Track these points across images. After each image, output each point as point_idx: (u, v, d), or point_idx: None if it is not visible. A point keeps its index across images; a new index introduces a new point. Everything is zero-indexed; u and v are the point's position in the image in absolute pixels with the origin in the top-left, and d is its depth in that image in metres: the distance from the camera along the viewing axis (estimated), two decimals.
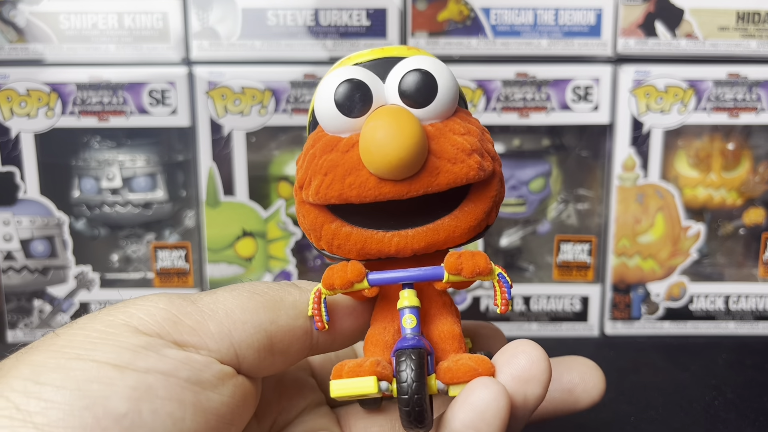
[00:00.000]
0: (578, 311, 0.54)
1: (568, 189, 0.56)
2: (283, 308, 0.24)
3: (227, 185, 0.52)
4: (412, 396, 0.21)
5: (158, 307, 0.22)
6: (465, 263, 0.23)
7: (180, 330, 0.22)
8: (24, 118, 0.50)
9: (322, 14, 0.50)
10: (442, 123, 0.24)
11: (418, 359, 0.22)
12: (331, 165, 0.23)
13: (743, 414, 0.42)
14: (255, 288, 0.24)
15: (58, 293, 0.53)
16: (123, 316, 0.22)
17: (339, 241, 0.24)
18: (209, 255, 0.53)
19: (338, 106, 0.23)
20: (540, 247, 0.56)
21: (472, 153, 0.23)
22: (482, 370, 0.22)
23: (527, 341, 0.23)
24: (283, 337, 0.24)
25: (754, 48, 0.51)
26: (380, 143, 0.22)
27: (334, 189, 0.23)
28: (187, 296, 0.23)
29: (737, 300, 0.54)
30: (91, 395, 0.19)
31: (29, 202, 0.52)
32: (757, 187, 0.53)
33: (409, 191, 0.23)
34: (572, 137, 0.55)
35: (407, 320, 0.23)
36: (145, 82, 0.50)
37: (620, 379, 0.47)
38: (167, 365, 0.21)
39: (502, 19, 0.50)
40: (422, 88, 0.23)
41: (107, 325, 0.21)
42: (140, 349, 0.21)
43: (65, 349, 0.20)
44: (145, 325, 0.21)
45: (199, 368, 0.22)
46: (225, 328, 0.23)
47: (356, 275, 0.23)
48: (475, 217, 0.24)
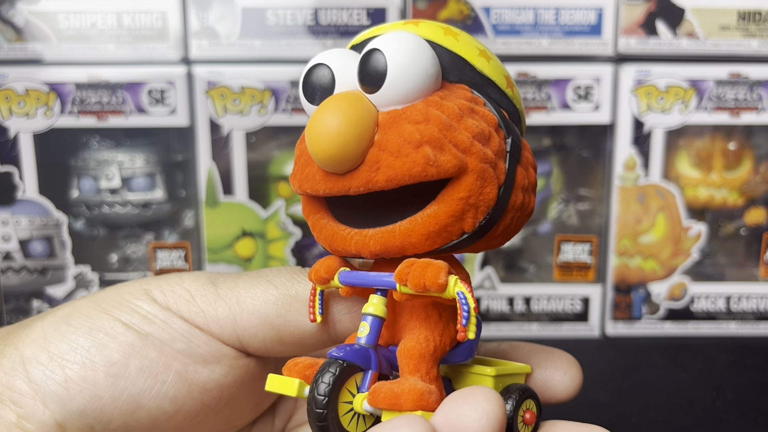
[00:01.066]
0: (579, 312, 0.54)
1: (568, 189, 0.55)
2: (294, 304, 0.24)
3: (226, 185, 0.52)
4: (314, 408, 0.19)
5: (181, 285, 0.25)
6: (411, 274, 0.20)
7: (190, 309, 0.24)
8: (23, 118, 0.50)
9: (321, 13, 0.50)
10: (402, 110, 0.21)
11: (335, 372, 0.20)
12: (299, 154, 0.22)
13: (744, 414, 0.42)
14: (275, 279, 0.25)
15: (56, 293, 0.53)
16: (149, 287, 0.25)
17: (316, 233, 0.23)
18: (209, 255, 0.53)
19: (303, 92, 0.22)
20: (541, 247, 0.56)
21: (422, 145, 0.20)
22: (405, 400, 0.19)
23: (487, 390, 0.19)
24: (292, 331, 0.25)
25: (756, 47, 0.50)
26: (316, 133, 0.20)
27: (296, 179, 0.22)
28: (215, 277, 0.25)
29: (738, 300, 0.53)
30: (96, 340, 0.23)
31: (28, 202, 0.51)
32: (759, 187, 0.53)
33: (350, 187, 0.20)
34: (573, 137, 0.55)
35: (361, 328, 0.21)
36: (144, 81, 0.50)
37: (621, 379, 0.47)
38: (166, 335, 0.24)
39: (502, 19, 0.50)
40: (370, 70, 0.20)
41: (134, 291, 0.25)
42: (150, 315, 0.24)
43: (98, 302, 0.24)
44: (163, 298, 0.24)
45: (197, 344, 0.24)
46: (231, 315, 0.24)
47: (327, 272, 0.23)
48: (436, 222, 0.20)
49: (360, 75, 0.21)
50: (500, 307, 0.54)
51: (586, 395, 0.44)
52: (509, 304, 0.54)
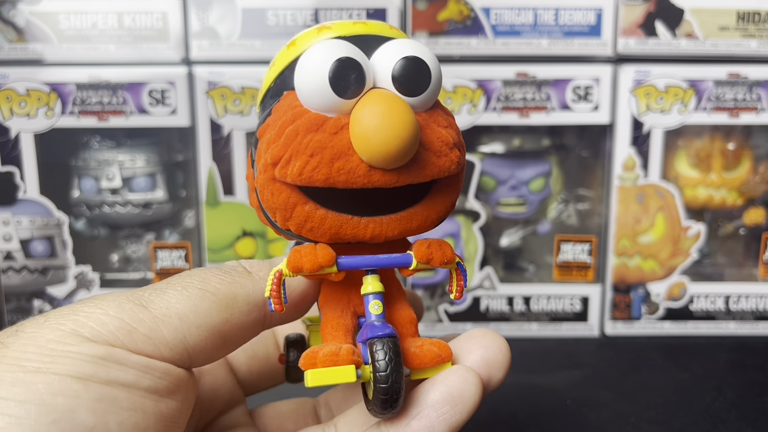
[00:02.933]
0: (578, 311, 0.54)
1: (568, 189, 0.55)
2: (236, 305, 0.23)
3: (227, 185, 0.52)
4: (392, 384, 0.21)
5: (108, 314, 0.21)
6: (435, 253, 0.24)
7: (135, 339, 0.21)
8: (24, 118, 0.50)
9: (322, 14, 0.50)
10: (427, 113, 0.23)
11: (396, 348, 0.22)
12: (318, 146, 0.22)
13: (743, 414, 0.42)
14: (206, 284, 0.23)
15: (57, 293, 0.53)
16: (73, 325, 0.21)
17: (312, 224, 0.23)
18: (209, 255, 0.53)
19: (332, 84, 0.22)
20: (540, 247, 0.56)
21: (453, 147, 0.23)
22: (445, 355, 0.23)
23: (490, 331, 0.25)
24: (236, 333, 0.24)
25: (755, 48, 0.50)
26: (379, 130, 0.21)
27: (320, 172, 0.22)
28: (136, 297, 0.22)
29: (737, 300, 0.54)
30: (57, 409, 0.19)
31: (29, 202, 0.51)
32: (758, 187, 0.53)
33: (398, 181, 0.22)
34: (572, 137, 0.55)
35: (374, 306, 0.23)
36: (144, 82, 0.50)
37: (620, 379, 0.47)
38: (129, 376, 0.21)
39: (502, 19, 0.50)
40: (417, 76, 0.22)
41: (59, 336, 0.20)
42: (100, 360, 0.20)
43: (21, 361, 0.19)
44: (98, 334, 0.21)
45: (158, 376, 0.21)
46: (180, 334, 0.22)
47: (327, 259, 0.23)
48: (445, 207, 0.24)
49: (403, 79, 0.22)
50: (500, 306, 0.54)
51: (585, 395, 0.44)
52: (509, 304, 0.54)
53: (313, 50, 0.23)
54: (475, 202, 0.53)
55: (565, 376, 0.47)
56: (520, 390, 0.45)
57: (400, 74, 0.22)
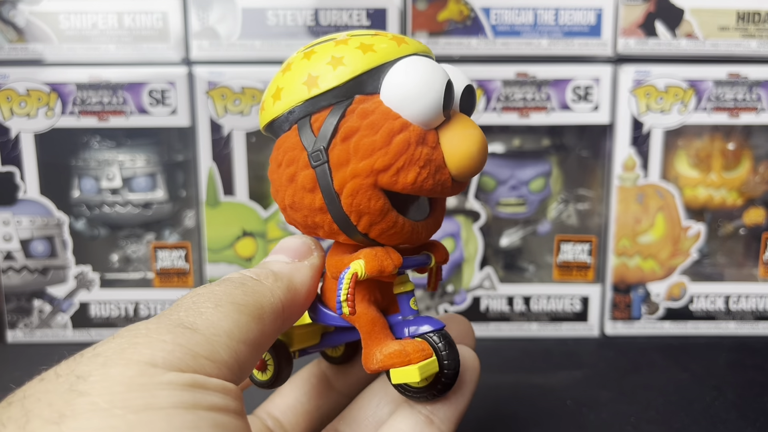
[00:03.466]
0: (578, 311, 0.54)
1: (568, 189, 0.55)
2: (266, 315, 0.23)
3: (227, 185, 0.52)
4: (455, 373, 0.24)
5: (167, 341, 0.20)
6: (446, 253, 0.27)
7: (201, 363, 0.20)
8: (24, 118, 0.50)
9: (322, 14, 0.50)
10: None
11: (451, 338, 0.25)
12: (428, 159, 0.24)
13: (744, 414, 0.42)
14: (234, 297, 0.23)
15: (57, 293, 0.53)
16: (142, 357, 0.19)
17: (395, 230, 0.25)
18: (209, 255, 0.53)
19: (445, 101, 0.24)
20: (540, 247, 0.56)
21: None
22: None
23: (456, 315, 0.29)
24: (266, 343, 0.24)
25: (755, 48, 0.51)
26: (476, 150, 0.24)
27: (428, 183, 0.24)
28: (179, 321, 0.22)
29: (737, 300, 0.54)
30: None
31: (29, 202, 0.51)
32: (758, 187, 0.53)
33: (459, 191, 0.26)
34: (572, 137, 0.55)
35: (413, 303, 0.26)
36: (144, 82, 0.50)
37: (620, 379, 0.47)
38: (218, 399, 0.20)
39: (502, 19, 0.50)
40: (473, 104, 0.26)
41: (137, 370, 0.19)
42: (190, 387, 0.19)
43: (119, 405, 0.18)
44: (170, 363, 0.20)
45: (234, 398, 0.21)
46: (233, 352, 0.22)
47: (400, 261, 0.25)
48: (444, 212, 0.28)
49: (468, 105, 0.26)
50: (500, 306, 0.54)
51: (585, 395, 0.44)
52: (509, 304, 0.54)
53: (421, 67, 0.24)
54: (475, 202, 0.53)
55: (565, 376, 0.47)
56: (520, 390, 0.45)
57: (465, 100, 0.25)
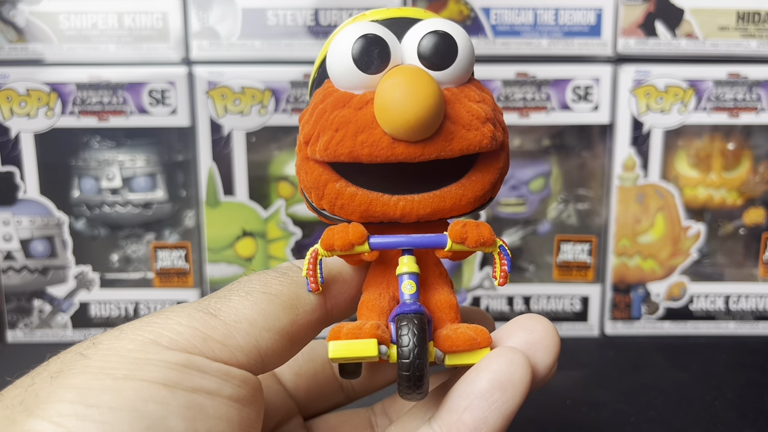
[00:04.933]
0: (578, 311, 0.54)
1: (568, 189, 0.55)
2: (300, 305, 0.23)
3: (227, 185, 0.52)
4: (413, 360, 0.21)
5: (182, 324, 0.21)
6: (470, 232, 0.23)
7: (210, 346, 0.21)
8: (24, 118, 0.50)
9: (322, 14, 0.50)
10: (458, 88, 0.23)
11: (420, 324, 0.21)
12: (343, 121, 0.22)
13: (743, 414, 0.42)
14: (268, 287, 0.23)
15: (57, 293, 0.53)
16: (150, 335, 0.20)
17: (342, 201, 0.23)
18: (209, 255, 0.53)
19: (355, 61, 0.22)
20: (540, 247, 0.56)
21: (486, 121, 0.23)
22: (481, 339, 0.22)
23: (535, 315, 0.23)
24: (302, 333, 0.24)
25: (755, 48, 0.51)
26: (399, 101, 0.21)
27: (344, 146, 0.22)
28: (203, 307, 0.22)
29: (737, 300, 0.54)
30: (150, 416, 0.18)
31: (29, 202, 0.51)
32: (758, 187, 0.53)
33: (422, 154, 0.22)
34: (572, 137, 0.55)
35: (407, 286, 0.23)
36: (144, 82, 0.50)
37: (620, 379, 0.47)
38: (211, 384, 0.20)
39: (502, 19, 0.50)
40: (442, 50, 0.23)
41: (139, 345, 0.20)
42: (182, 367, 0.20)
43: (106, 370, 0.19)
44: (176, 343, 0.20)
45: (238, 384, 0.21)
46: (252, 339, 0.22)
47: (358, 237, 0.23)
48: (482, 187, 0.24)
49: (428, 53, 0.23)
50: (500, 306, 0.54)
51: (585, 395, 0.44)
52: (509, 304, 0.54)
53: (342, 33, 0.23)
54: None
55: (565, 376, 0.47)
56: None
57: (424, 49, 0.23)
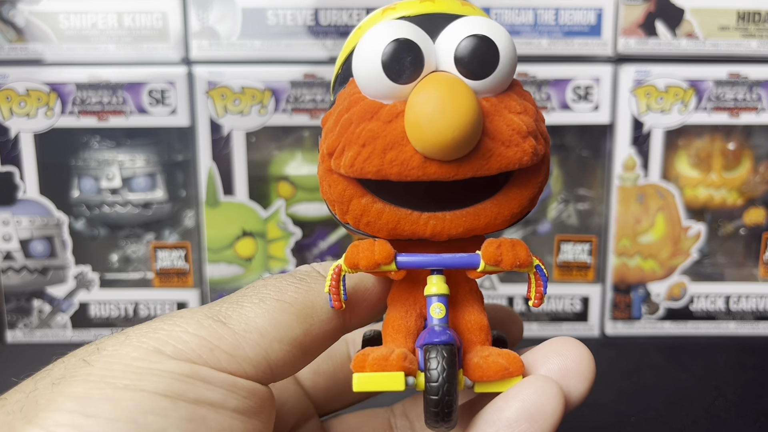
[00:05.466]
0: (579, 311, 0.54)
1: (568, 189, 0.55)
2: (315, 315, 0.22)
3: (227, 185, 0.52)
4: (443, 397, 0.20)
5: (188, 332, 0.21)
6: (505, 254, 0.21)
7: (217, 357, 0.20)
8: (23, 118, 0.50)
9: (322, 14, 0.50)
10: (498, 98, 0.21)
11: (450, 357, 0.20)
12: (371, 136, 0.20)
13: (744, 414, 0.42)
14: (283, 294, 0.22)
15: (57, 293, 0.53)
16: (154, 343, 0.20)
17: (369, 218, 0.22)
18: (209, 255, 0.53)
19: (385, 68, 0.20)
20: (540, 247, 0.56)
21: (528, 136, 0.21)
22: (513, 369, 0.21)
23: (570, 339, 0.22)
24: (316, 343, 0.23)
25: (755, 48, 0.50)
26: (432, 118, 0.19)
27: (372, 164, 0.20)
28: (214, 313, 0.22)
29: (738, 300, 0.53)
30: (148, 428, 0.18)
31: (29, 202, 0.51)
32: (758, 187, 0.53)
33: (457, 174, 0.20)
34: (573, 137, 0.55)
35: (435, 309, 0.22)
36: (144, 81, 0.50)
37: (621, 379, 0.47)
38: (216, 395, 0.20)
39: (502, 19, 0.50)
40: (482, 57, 0.20)
41: (143, 353, 0.20)
42: (186, 378, 0.19)
43: (107, 379, 0.19)
44: (180, 352, 0.20)
45: (244, 396, 0.21)
46: (262, 350, 0.21)
47: (384, 257, 0.21)
48: (519, 204, 0.22)
49: (466, 60, 0.20)
50: None
51: None
52: (509, 304, 0.54)
53: (370, 33, 0.21)
54: None
55: None
56: None
57: (462, 55, 0.20)
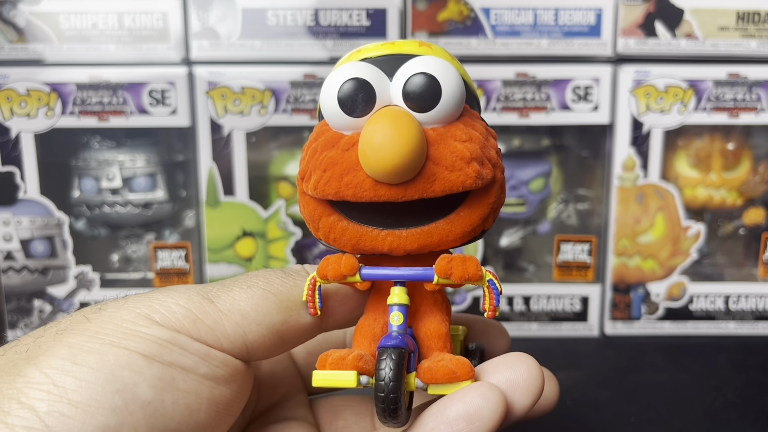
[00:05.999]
0: (578, 311, 0.54)
1: (568, 189, 0.55)
2: (295, 307, 0.25)
3: (227, 185, 0.52)
4: (387, 395, 0.22)
5: (178, 304, 0.23)
6: (455, 268, 0.24)
7: (198, 328, 0.23)
8: (24, 118, 0.50)
9: (322, 14, 0.50)
10: (444, 128, 0.24)
11: (398, 359, 0.22)
12: (330, 162, 0.23)
13: (744, 414, 0.42)
14: (270, 284, 0.25)
15: (58, 293, 0.53)
16: (146, 310, 0.23)
17: (335, 235, 0.24)
18: (209, 255, 0.53)
19: (341, 104, 0.23)
20: (540, 247, 0.56)
21: (471, 161, 0.23)
22: (461, 373, 0.23)
23: (523, 355, 0.24)
24: (293, 333, 0.25)
25: (754, 48, 0.51)
26: (377, 147, 0.22)
27: (331, 186, 0.23)
28: (206, 292, 0.24)
29: (737, 300, 0.54)
30: (122, 381, 0.21)
31: (29, 202, 0.51)
32: (757, 187, 0.53)
33: (404, 195, 0.23)
34: (572, 137, 0.55)
35: (394, 317, 0.24)
36: (145, 82, 0.50)
37: (620, 379, 0.47)
38: (189, 361, 0.22)
39: (502, 19, 0.50)
40: (426, 92, 0.23)
41: (134, 317, 0.23)
42: (165, 343, 0.22)
43: (99, 335, 0.22)
44: (167, 320, 0.23)
45: (216, 365, 0.23)
46: (240, 329, 0.24)
47: (349, 269, 0.24)
48: (470, 223, 0.24)
49: (412, 95, 0.23)
50: (500, 306, 0.54)
51: (585, 395, 0.44)
52: (509, 304, 0.54)
53: (332, 74, 0.24)
54: None
55: (565, 376, 0.47)
56: None
57: (409, 91, 0.23)
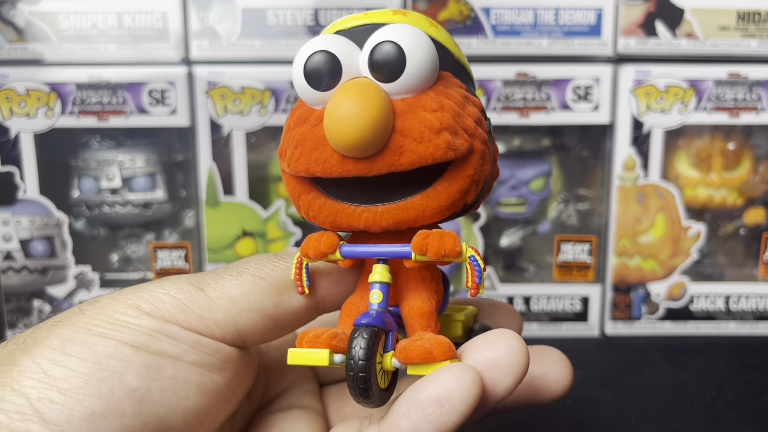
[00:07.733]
0: (578, 311, 0.54)
1: (568, 189, 0.55)
2: (286, 291, 0.25)
3: (227, 185, 0.52)
4: (357, 373, 0.21)
5: (168, 294, 0.24)
6: (431, 244, 0.23)
7: (188, 317, 0.24)
8: (23, 118, 0.50)
9: (322, 14, 0.50)
10: (414, 98, 0.22)
11: (370, 338, 0.22)
12: (301, 138, 0.23)
13: (744, 414, 0.42)
14: (260, 270, 0.25)
15: (57, 293, 0.53)
16: (137, 300, 0.24)
17: (314, 212, 0.24)
18: (209, 255, 0.53)
19: (307, 78, 0.22)
20: (540, 247, 0.56)
21: (441, 131, 0.22)
22: (437, 353, 0.22)
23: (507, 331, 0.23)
24: (287, 317, 0.25)
25: (755, 48, 0.50)
26: (338, 120, 0.21)
27: (302, 163, 0.23)
28: (196, 281, 0.25)
29: (738, 300, 0.53)
30: (109, 369, 0.22)
31: (29, 202, 0.51)
32: (758, 187, 0.53)
33: (372, 170, 0.22)
34: (573, 137, 0.55)
35: (373, 295, 0.23)
36: (144, 81, 0.50)
37: (621, 379, 0.47)
38: (176, 349, 0.23)
39: (502, 19, 0.50)
40: (390, 61, 0.22)
41: (124, 308, 0.23)
42: (154, 332, 0.23)
43: (90, 326, 0.23)
44: (156, 310, 0.23)
45: (206, 353, 0.24)
46: (230, 316, 0.24)
47: (328, 247, 0.24)
48: (447, 197, 0.23)
49: (377, 65, 0.22)
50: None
51: (585, 395, 0.44)
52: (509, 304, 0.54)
53: (301, 48, 0.23)
54: None
55: None
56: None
57: (373, 61, 0.22)
